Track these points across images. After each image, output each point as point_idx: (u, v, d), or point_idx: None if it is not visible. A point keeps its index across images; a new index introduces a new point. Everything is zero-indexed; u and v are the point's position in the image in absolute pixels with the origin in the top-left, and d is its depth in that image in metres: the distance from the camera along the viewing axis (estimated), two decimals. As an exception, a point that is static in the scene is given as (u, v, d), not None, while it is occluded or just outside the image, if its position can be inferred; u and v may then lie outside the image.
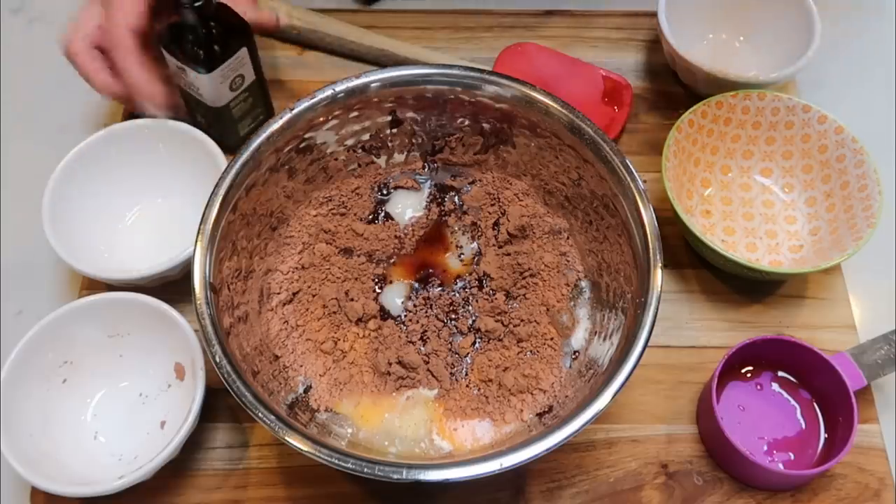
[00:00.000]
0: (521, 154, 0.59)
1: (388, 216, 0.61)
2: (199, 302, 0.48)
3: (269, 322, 0.56)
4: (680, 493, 0.56)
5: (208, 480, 0.56)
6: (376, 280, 0.58)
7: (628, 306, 0.52)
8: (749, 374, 0.59)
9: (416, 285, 0.58)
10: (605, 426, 0.58)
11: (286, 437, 0.44)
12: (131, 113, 0.66)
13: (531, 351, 0.55)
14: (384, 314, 0.57)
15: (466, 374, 0.55)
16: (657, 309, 0.48)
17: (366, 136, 0.59)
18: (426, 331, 0.56)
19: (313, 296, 0.57)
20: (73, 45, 0.61)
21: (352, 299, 0.56)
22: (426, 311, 0.57)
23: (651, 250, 0.50)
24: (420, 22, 0.78)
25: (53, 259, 0.59)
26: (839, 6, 0.79)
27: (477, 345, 0.56)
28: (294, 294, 0.57)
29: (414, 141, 0.60)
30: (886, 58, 0.78)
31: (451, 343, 0.56)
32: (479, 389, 0.54)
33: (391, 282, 0.58)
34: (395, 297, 0.57)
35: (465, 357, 0.56)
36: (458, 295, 0.57)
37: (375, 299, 0.57)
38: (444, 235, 0.60)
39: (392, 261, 0.59)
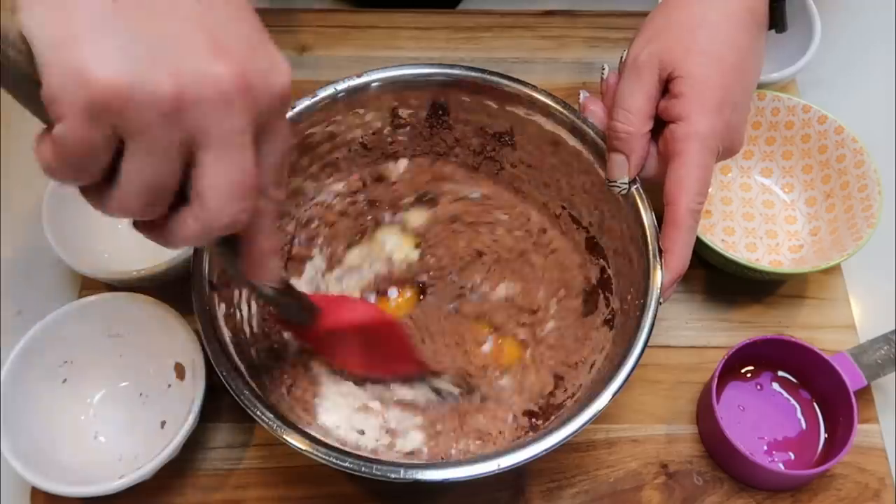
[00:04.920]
0: (522, 154, 0.59)
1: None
2: (198, 302, 0.48)
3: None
4: (680, 493, 0.56)
5: (208, 480, 0.56)
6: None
7: (628, 307, 0.52)
8: (749, 374, 0.59)
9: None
10: (605, 426, 0.58)
11: (285, 437, 0.44)
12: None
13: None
14: None
15: None
16: (657, 309, 0.48)
17: (367, 136, 0.59)
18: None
19: None
20: None
21: None
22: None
23: (651, 251, 0.50)
24: (420, 22, 0.78)
25: (53, 259, 0.59)
26: (839, 6, 0.79)
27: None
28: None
29: (414, 141, 0.60)
30: (886, 58, 0.78)
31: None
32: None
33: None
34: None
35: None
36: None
37: None
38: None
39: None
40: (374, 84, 0.56)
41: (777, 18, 0.54)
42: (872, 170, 0.62)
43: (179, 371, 0.57)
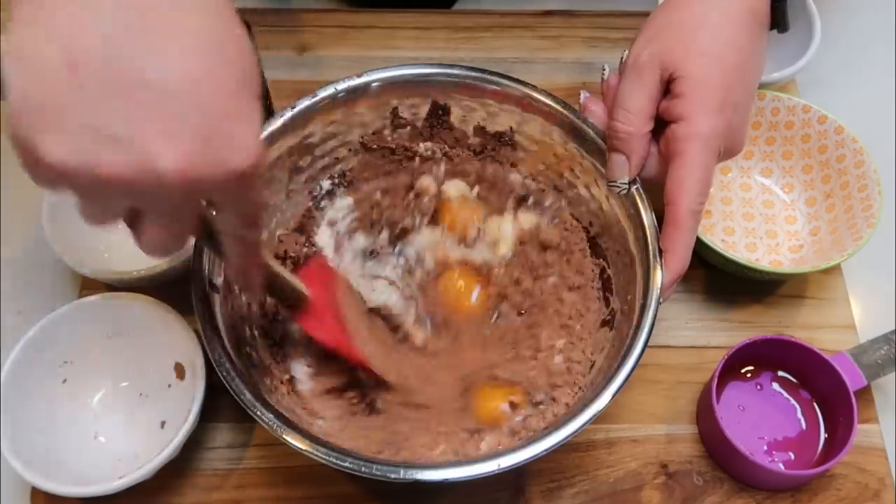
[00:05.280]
0: (522, 155, 0.59)
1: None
2: (199, 302, 0.48)
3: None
4: (680, 493, 0.56)
5: (208, 480, 0.56)
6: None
7: (628, 307, 0.52)
8: (749, 374, 0.59)
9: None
10: (605, 426, 0.58)
11: (285, 437, 0.44)
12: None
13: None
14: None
15: None
16: (657, 309, 0.48)
17: (367, 136, 0.59)
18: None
19: None
20: None
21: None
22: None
23: (651, 251, 0.50)
24: (419, 22, 0.78)
25: (53, 259, 0.59)
26: (839, 6, 0.79)
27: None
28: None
29: (414, 141, 0.60)
30: (886, 58, 0.78)
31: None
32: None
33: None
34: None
35: None
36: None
37: None
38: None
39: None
40: (374, 84, 0.56)
41: (779, 18, 0.54)
42: (872, 170, 0.62)
43: (179, 371, 0.57)
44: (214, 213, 0.39)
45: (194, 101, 0.32)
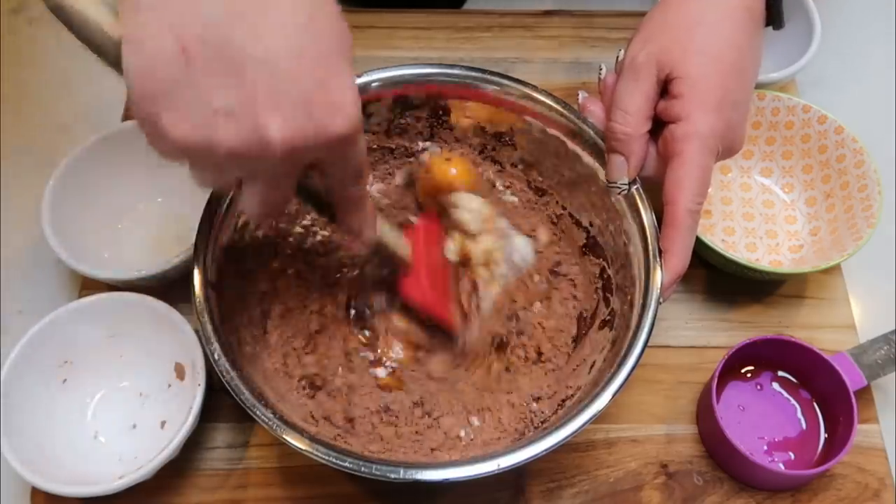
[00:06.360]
0: (522, 155, 0.59)
1: None
2: (198, 302, 0.48)
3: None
4: (680, 493, 0.56)
5: (208, 480, 0.56)
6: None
7: (628, 307, 0.52)
8: (749, 374, 0.59)
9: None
10: (605, 426, 0.58)
11: (285, 437, 0.44)
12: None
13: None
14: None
15: None
16: (657, 309, 0.48)
17: (367, 136, 0.59)
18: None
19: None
20: None
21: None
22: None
23: (651, 251, 0.50)
24: (420, 22, 0.78)
25: (53, 259, 0.59)
26: (839, 6, 0.79)
27: None
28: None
29: (414, 141, 0.60)
30: (886, 58, 0.78)
31: None
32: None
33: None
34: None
35: None
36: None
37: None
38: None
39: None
40: (374, 84, 0.56)
41: (774, 15, 0.54)
42: (872, 170, 0.62)
43: (179, 371, 0.57)
44: (321, 173, 0.42)
45: (294, 74, 0.35)
